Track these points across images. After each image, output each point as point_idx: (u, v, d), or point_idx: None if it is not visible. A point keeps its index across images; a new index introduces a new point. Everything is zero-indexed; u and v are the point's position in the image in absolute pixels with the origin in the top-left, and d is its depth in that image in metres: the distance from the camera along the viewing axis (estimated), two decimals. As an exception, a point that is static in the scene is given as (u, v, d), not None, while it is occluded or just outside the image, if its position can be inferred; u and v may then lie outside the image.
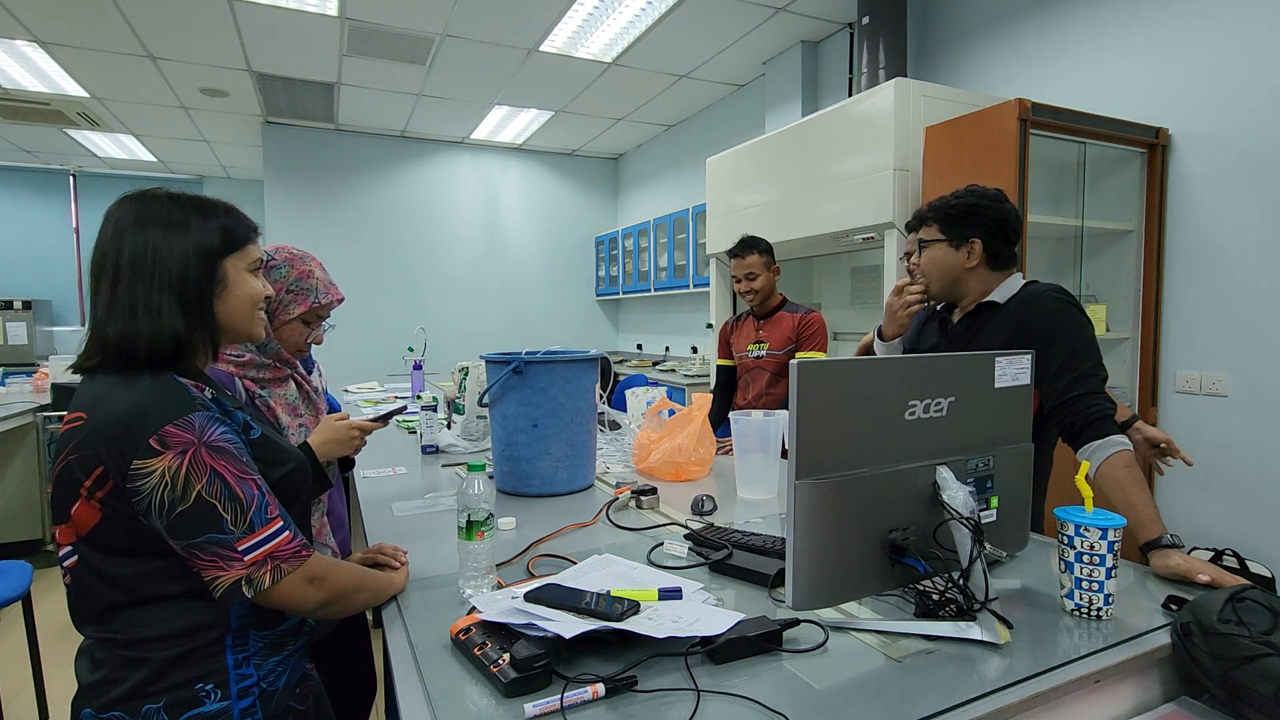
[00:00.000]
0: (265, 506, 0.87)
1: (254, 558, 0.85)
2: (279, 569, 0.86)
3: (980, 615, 0.94)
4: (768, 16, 3.89)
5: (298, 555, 0.88)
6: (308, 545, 0.91)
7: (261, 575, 0.85)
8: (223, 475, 0.84)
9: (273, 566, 0.86)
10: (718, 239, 3.84)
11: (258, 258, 1.00)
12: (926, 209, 1.57)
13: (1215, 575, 1.07)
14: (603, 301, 7.38)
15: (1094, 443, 1.30)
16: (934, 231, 1.54)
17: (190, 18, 3.85)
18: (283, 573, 0.86)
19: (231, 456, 0.86)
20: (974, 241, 1.49)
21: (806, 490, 0.89)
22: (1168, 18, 2.56)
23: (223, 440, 0.86)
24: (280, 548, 0.87)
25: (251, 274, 0.99)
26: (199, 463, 0.83)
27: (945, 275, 1.54)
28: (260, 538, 0.85)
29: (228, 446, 0.86)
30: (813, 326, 2.52)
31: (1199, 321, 2.53)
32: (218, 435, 0.86)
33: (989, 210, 1.49)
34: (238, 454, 0.87)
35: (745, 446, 1.71)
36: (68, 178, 7.58)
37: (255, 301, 0.99)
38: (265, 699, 0.92)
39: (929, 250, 1.55)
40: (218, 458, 0.84)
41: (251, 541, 0.85)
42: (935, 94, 2.71)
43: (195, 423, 0.84)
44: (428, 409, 2.27)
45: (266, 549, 0.85)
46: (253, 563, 0.84)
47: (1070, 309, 1.41)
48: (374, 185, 6.34)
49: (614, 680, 0.80)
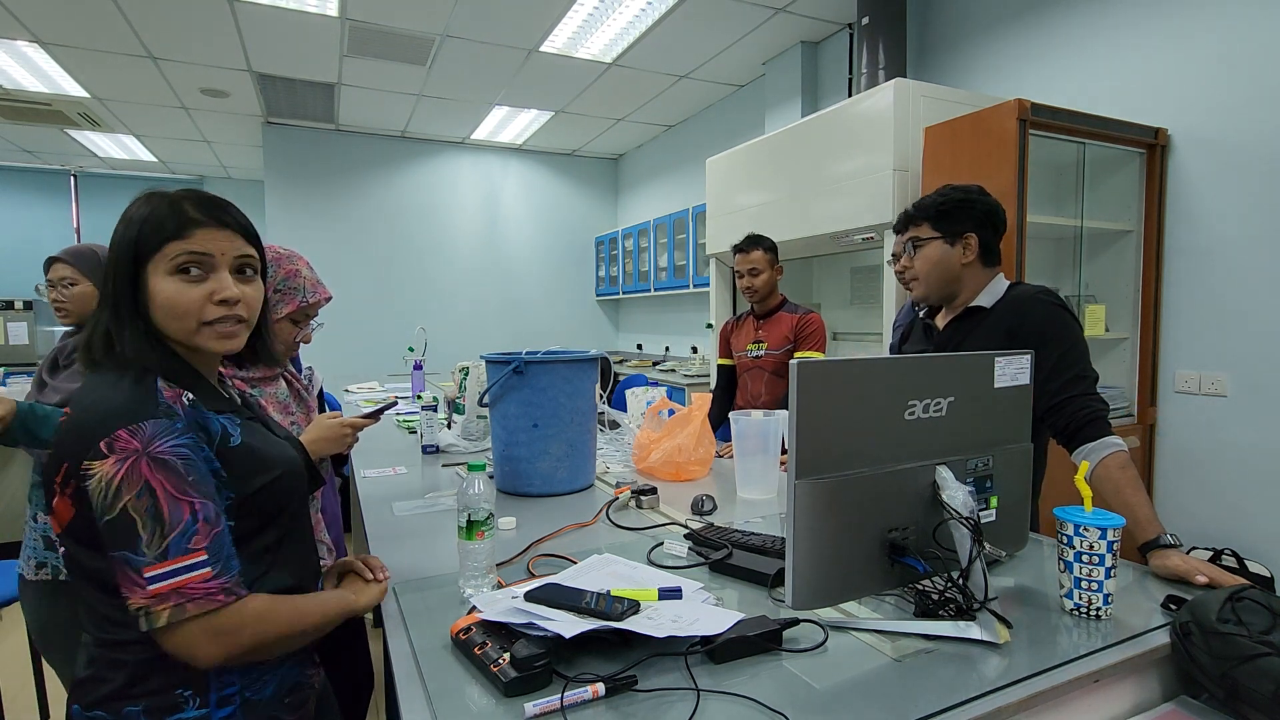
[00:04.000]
0: (191, 535, 0.77)
1: (157, 589, 0.75)
2: (180, 609, 0.75)
3: (980, 615, 0.94)
4: (768, 17, 3.89)
5: (209, 598, 0.77)
6: (233, 590, 0.79)
7: (159, 611, 0.75)
8: (154, 491, 0.76)
9: (174, 605, 0.75)
10: (718, 239, 3.84)
11: (176, 255, 0.84)
12: (913, 209, 1.55)
13: (1214, 575, 1.08)
14: (603, 301, 7.38)
15: (1089, 444, 1.30)
16: (927, 229, 1.51)
17: (191, 18, 3.85)
18: (184, 614, 0.75)
19: (173, 472, 0.78)
20: (970, 236, 1.48)
21: (806, 490, 0.89)
22: (1167, 18, 2.56)
23: (170, 453, 0.78)
24: (189, 585, 0.76)
25: (174, 278, 0.85)
26: (135, 473, 0.76)
27: (943, 274, 1.51)
28: (169, 568, 0.75)
29: (173, 461, 0.78)
30: (811, 327, 2.52)
31: (1198, 321, 2.53)
32: (166, 447, 0.78)
33: (979, 204, 1.49)
34: (184, 471, 0.78)
35: (745, 447, 1.71)
36: (68, 178, 7.59)
37: (175, 313, 0.85)
38: (249, 708, 0.87)
39: (925, 249, 1.51)
40: (157, 471, 0.77)
41: (159, 570, 0.75)
42: (935, 94, 2.72)
43: (146, 430, 0.78)
44: (428, 409, 2.27)
45: (172, 583, 0.75)
46: (154, 594, 0.75)
47: (1060, 311, 1.41)
48: (374, 185, 6.34)
49: (614, 680, 0.80)
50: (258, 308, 0.93)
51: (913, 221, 1.54)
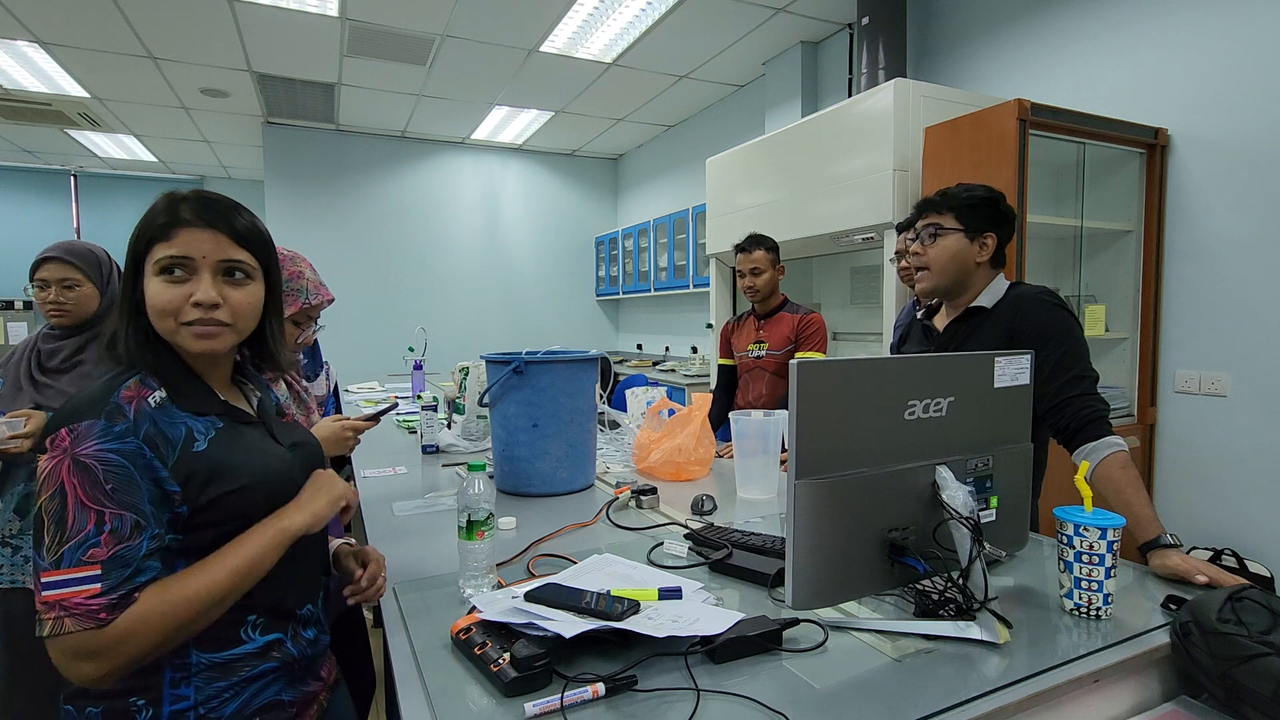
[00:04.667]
0: (88, 546, 0.74)
1: (46, 597, 0.73)
2: (60, 623, 0.72)
3: (980, 615, 0.94)
4: (768, 17, 3.89)
5: (88, 616, 0.72)
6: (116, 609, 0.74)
7: (45, 619, 0.73)
8: (65, 494, 0.74)
9: (55, 617, 0.72)
10: (718, 239, 3.84)
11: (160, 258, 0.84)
12: (939, 197, 1.50)
13: (1214, 575, 1.08)
14: (603, 301, 7.38)
15: (1090, 444, 1.30)
16: (950, 219, 1.47)
17: (191, 18, 3.85)
18: (62, 628, 0.72)
19: (91, 477, 0.75)
20: (990, 235, 1.47)
21: (806, 490, 0.89)
22: (1167, 18, 2.56)
23: (94, 457, 0.75)
24: (74, 599, 0.72)
25: (158, 279, 0.84)
26: (54, 474, 0.75)
27: (958, 268, 1.48)
28: (59, 578, 0.73)
29: (93, 466, 0.75)
30: (812, 327, 2.52)
31: (1198, 321, 2.53)
32: (92, 449, 0.75)
33: (1002, 206, 1.48)
34: (102, 478, 0.75)
35: (745, 447, 1.71)
36: (69, 178, 7.58)
37: (157, 312, 0.84)
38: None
39: (945, 239, 1.47)
40: (74, 474, 0.75)
41: (51, 578, 0.73)
42: (935, 94, 2.72)
43: (78, 430, 0.76)
44: (428, 409, 2.27)
45: (59, 594, 0.72)
46: (44, 601, 0.73)
47: (1061, 312, 1.41)
48: (374, 185, 6.34)
49: (614, 680, 0.80)
50: (248, 311, 0.91)
51: (936, 209, 1.50)
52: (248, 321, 0.91)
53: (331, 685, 1.06)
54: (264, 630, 0.88)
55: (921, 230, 1.52)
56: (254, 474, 0.87)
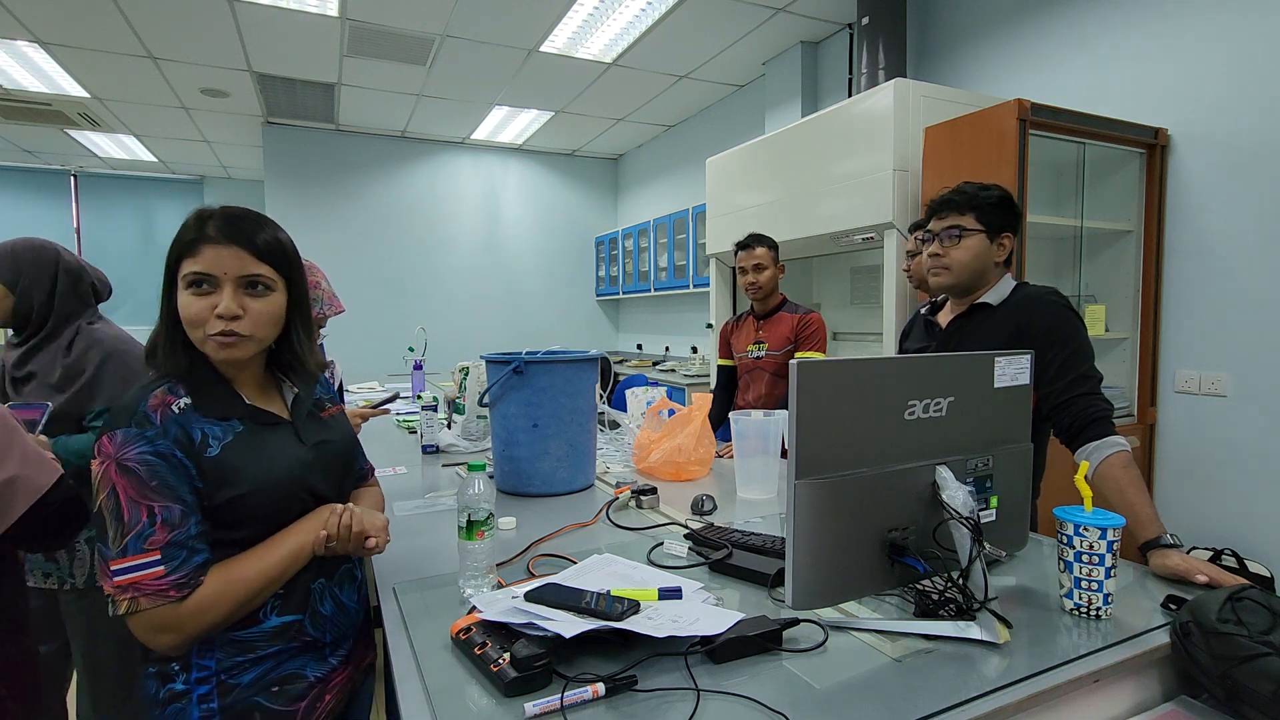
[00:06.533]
0: (146, 536, 0.85)
1: (119, 581, 0.85)
2: (135, 602, 0.85)
3: (980, 615, 0.94)
4: (768, 17, 3.89)
5: (160, 594, 0.85)
6: (188, 585, 0.87)
7: (121, 601, 0.85)
8: (118, 494, 0.86)
9: (130, 598, 0.85)
10: (718, 239, 3.84)
11: (187, 273, 0.92)
12: (958, 197, 1.48)
13: (1214, 575, 1.08)
14: (603, 301, 7.38)
15: (1092, 443, 1.30)
16: (972, 220, 1.46)
17: (190, 18, 3.85)
18: (138, 607, 0.85)
19: (136, 478, 0.86)
20: (1007, 235, 1.48)
21: (806, 490, 0.89)
22: (1167, 18, 2.56)
23: (135, 461, 0.87)
24: (144, 581, 0.85)
25: (187, 290, 0.93)
26: (106, 476, 0.87)
27: (980, 268, 1.47)
28: (128, 564, 0.85)
29: (136, 468, 0.87)
30: (811, 327, 2.52)
31: (1198, 321, 2.53)
32: (132, 455, 0.87)
33: (1014, 205, 1.49)
34: (147, 477, 0.87)
35: (745, 447, 1.71)
36: (68, 178, 7.58)
37: (187, 322, 0.93)
38: (223, 690, 0.93)
39: (969, 240, 1.46)
40: (121, 477, 0.86)
41: (121, 565, 0.85)
42: (935, 94, 2.72)
43: (118, 439, 0.87)
44: (428, 409, 2.27)
45: (130, 578, 0.85)
46: (117, 586, 0.85)
47: (1068, 312, 1.42)
48: (374, 186, 6.34)
49: (614, 680, 0.80)
50: (268, 321, 0.98)
51: (958, 209, 1.48)
52: (269, 330, 0.99)
53: (365, 669, 1.14)
54: (281, 611, 0.97)
55: (942, 232, 1.49)
56: (259, 480, 0.95)
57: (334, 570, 1.05)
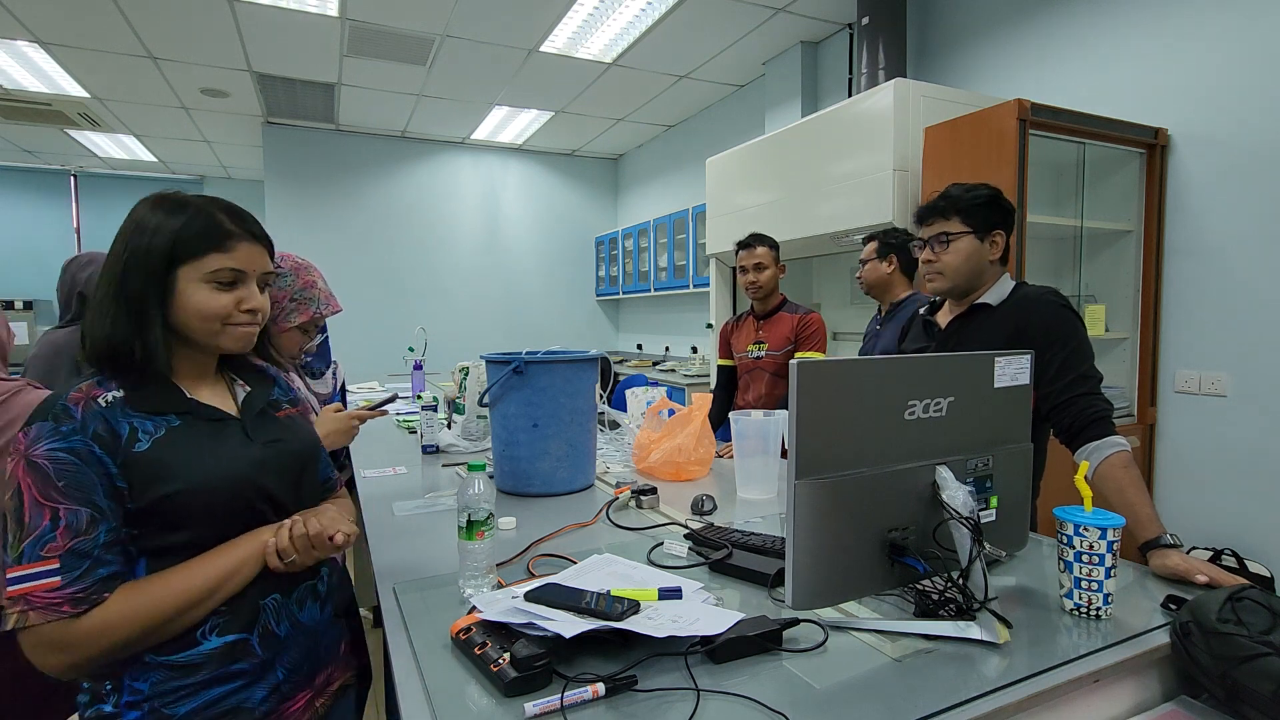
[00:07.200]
0: (45, 541, 0.77)
1: (11, 591, 0.76)
2: (24, 616, 0.76)
3: (980, 615, 0.94)
4: (768, 17, 3.89)
5: (52, 609, 0.76)
6: (86, 601, 0.78)
7: (10, 613, 0.76)
8: (22, 494, 0.79)
9: (20, 611, 0.76)
10: (718, 239, 3.84)
11: (219, 269, 0.91)
12: (942, 203, 1.49)
13: (1214, 575, 1.08)
14: (603, 302, 7.38)
15: (1092, 443, 1.30)
16: (958, 224, 1.47)
17: (191, 18, 3.85)
18: (27, 621, 0.76)
19: (43, 477, 0.79)
20: (998, 233, 1.48)
21: (806, 490, 0.89)
22: (1167, 18, 2.56)
23: (43, 457, 0.79)
24: (35, 593, 0.76)
25: (208, 285, 0.90)
26: (13, 474, 0.80)
27: (973, 269, 1.48)
28: (22, 573, 0.77)
29: (44, 465, 0.79)
30: (811, 327, 2.52)
31: (1198, 321, 2.53)
32: (41, 450, 0.80)
33: (1004, 202, 1.49)
34: (54, 475, 0.79)
35: (745, 447, 1.71)
36: (68, 178, 7.59)
37: (204, 316, 0.90)
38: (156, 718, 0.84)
39: (957, 243, 1.47)
40: (28, 474, 0.79)
41: (15, 573, 0.77)
42: (935, 94, 2.72)
43: (32, 432, 0.81)
44: (428, 409, 2.27)
45: (22, 588, 0.76)
46: (10, 596, 0.76)
47: (1067, 312, 1.42)
48: (374, 186, 6.34)
49: (614, 680, 0.80)
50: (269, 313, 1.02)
51: (941, 214, 1.49)
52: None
53: (336, 692, 1.05)
54: (223, 631, 0.88)
55: (931, 239, 1.51)
56: (197, 478, 0.87)
57: (292, 586, 0.96)
